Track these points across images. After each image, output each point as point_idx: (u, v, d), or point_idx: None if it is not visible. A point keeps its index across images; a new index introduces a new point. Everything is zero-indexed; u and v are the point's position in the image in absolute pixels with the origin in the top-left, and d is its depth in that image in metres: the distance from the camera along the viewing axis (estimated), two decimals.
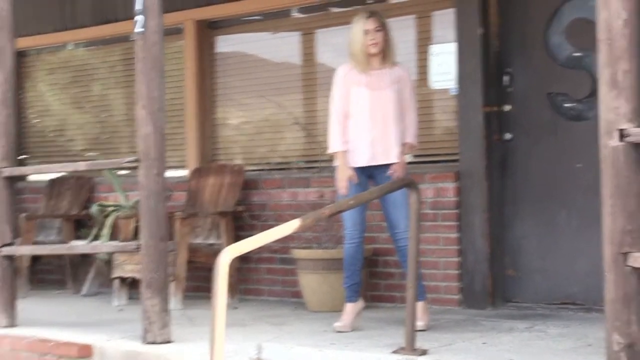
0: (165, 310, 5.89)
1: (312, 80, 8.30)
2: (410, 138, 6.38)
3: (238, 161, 8.55)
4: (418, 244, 5.33)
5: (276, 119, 8.47)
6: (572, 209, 6.85)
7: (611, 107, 4.34)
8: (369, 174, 6.36)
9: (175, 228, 7.53)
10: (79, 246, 7.56)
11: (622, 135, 4.34)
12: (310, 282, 7.21)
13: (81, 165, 6.68)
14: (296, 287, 7.75)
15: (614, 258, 4.32)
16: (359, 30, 6.34)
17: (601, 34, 4.41)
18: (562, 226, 6.89)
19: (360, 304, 6.42)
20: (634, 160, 4.34)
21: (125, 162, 6.03)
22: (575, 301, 6.78)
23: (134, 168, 5.92)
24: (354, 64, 6.38)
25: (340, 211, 4.98)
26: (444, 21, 7.44)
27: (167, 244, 5.91)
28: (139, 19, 5.92)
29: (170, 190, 8.54)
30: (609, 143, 4.35)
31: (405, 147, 6.37)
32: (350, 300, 6.39)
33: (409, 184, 5.33)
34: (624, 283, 4.29)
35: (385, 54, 6.39)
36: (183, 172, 8.80)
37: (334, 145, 6.36)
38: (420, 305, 6.16)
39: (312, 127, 8.10)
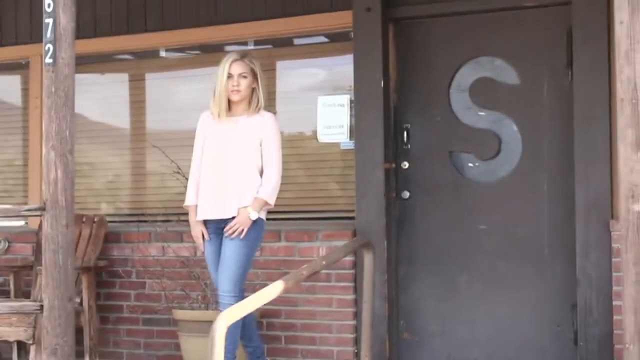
0: None
1: None
2: (262, 193, 5.78)
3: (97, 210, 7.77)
4: (373, 310, 4.92)
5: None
6: (474, 272, 6.63)
7: (636, 169, 4.13)
8: (219, 227, 5.86)
9: (36, 283, 6.73)
10: None
11: None
12: (195, 346, 6.59)
13: None
14: (162, 350, 7.15)
15: (638, 329, 4.09)
16: (223, 72, 5.85)
17: (624, 93, 4.20)
18: (462, 289, 6.65)
19: None
20: None
21: (25, 210, 5.28)
22: None
23: (37, 216, 5.19)
24: (211, 109, 5.92)
25: (316, 271, 4.50)
26: (336, 72, 7.11)
27: (74, 305, 5.19)
28: (49, 48, 5.22)
29: (8, 240, 7.73)
30: (634, 207, 4.13)
31: (253, 202, 5.80)
32: None
33: (365, 244, 4.92)
34: None
35: (249, 101, 5.90)
36: (21, 222, 7.92)
37: (186, 198, 5.99)
38: None
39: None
